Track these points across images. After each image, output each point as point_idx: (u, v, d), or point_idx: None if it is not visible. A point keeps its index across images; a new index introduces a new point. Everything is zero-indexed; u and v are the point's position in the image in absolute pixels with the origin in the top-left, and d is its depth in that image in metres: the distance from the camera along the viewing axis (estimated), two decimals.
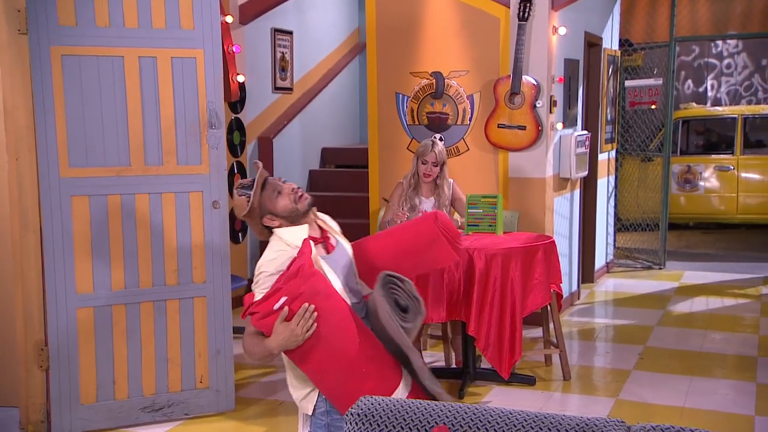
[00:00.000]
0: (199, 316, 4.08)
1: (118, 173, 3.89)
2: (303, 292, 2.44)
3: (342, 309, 2.54)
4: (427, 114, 5.74)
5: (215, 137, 4.01)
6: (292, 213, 2.70)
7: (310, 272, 2.49)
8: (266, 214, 2.72)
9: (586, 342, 5.43)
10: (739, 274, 7.31)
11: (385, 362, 2.55)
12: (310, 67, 7.54)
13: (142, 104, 3.90)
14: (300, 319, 2.41)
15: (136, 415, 3.99)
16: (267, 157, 6.77)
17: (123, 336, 3.95)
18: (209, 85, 4.00)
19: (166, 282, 4.00)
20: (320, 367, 2.50)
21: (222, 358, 4.13)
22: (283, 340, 2.42)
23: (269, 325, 2.45)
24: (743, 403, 4.20)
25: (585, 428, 1.80)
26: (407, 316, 2.61)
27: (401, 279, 2.64)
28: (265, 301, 2.46)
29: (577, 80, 6.22)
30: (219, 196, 4.06)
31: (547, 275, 4.41)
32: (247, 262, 6.66)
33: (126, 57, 3.86)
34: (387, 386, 2.50)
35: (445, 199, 4.82)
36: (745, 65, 10.90)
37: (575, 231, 6.41)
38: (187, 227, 4.02)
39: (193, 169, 4.02)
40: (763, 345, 5.22)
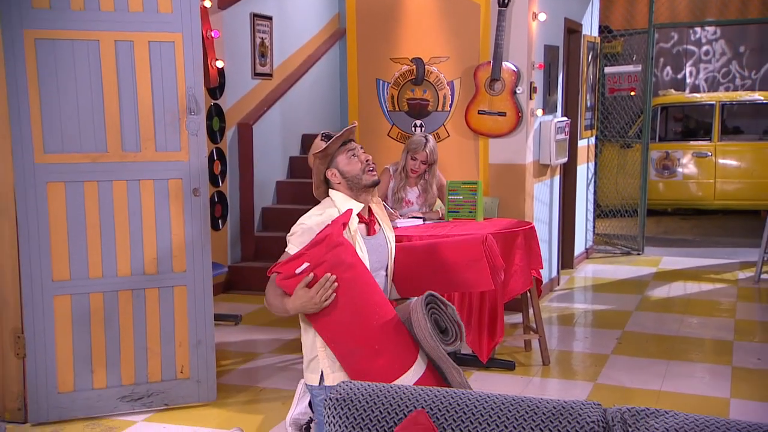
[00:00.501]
0: (180, 305, 4.01)
1: (94, 159, 3.82)
2: (326, 260, 2.48)
3: (365, 282, 2.56)
4: (408, 100, 5.73)
5: (195, 123, 3.92)
6: (355, 179, 2.75)
7: (336, 241, 2.52)
8: (334, 167, 2.76)
9: (565, 327, 5.48)
10: (716, 260, 7.40)
11: (402, 343, 2.56)
12: (289, 52, 7.49)
13: (119, 89, 3.82)
14: (320, 288, 2.46)
15: (115, 404, 3.94)
16: (246, 144, 6.73)
17: (101, 324, 3.90)
18: (188, 69, 3.91)
19: (145, 271, 3.93)
20: (335, 335, 2.54)
21: (203, 348, 4.05)
22: (301, 305, 2.49)
23: (291, 287, 2.51)
24: (719, 386, 4.26)
25: (562, 411, 1.81)
26: (447, 338, 2.63)
27: (444, 303, 2.65)
28: (289, 263, 2.52)
29: (557, 67, 6.23)
30: (199, 183, 3.96)
31: (528, 261, 4.43)
32: (227, 248, 6.63)
33: (102, 41, 3.77)
34: (398, 366, 2.51)
35: (432, 198, 4.84)
36: (723, 52, 10.99)
37: (555, 217, 6.44)
38: (166, 215, 3.94)
39: (172, 156, 3.92)
40: (739, 329, 5.29)
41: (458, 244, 3.00)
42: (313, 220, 2.66)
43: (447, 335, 2.63)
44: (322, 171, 2.79)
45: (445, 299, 2.68)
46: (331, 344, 2.57)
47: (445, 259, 2.91)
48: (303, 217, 2.71)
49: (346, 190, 2.77)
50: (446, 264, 2.91)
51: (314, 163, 2.80)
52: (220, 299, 6.31)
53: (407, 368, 2.51)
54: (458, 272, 2.90)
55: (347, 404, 1.93)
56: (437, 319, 2.62)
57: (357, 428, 1.90)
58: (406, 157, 4.80)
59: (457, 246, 2.98)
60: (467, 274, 2.91)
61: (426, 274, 2.89)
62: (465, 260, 2.91)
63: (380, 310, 2.54)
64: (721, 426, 1.71)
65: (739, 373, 4.46)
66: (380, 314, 2.53)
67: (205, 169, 3.98)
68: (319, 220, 2.66)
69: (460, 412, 1.86)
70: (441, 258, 2.92)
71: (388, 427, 1.89)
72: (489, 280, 2.90)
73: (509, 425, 1.81)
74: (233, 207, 6.69)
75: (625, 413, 1.81)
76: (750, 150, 9.10)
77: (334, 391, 1.98)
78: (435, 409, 1.88)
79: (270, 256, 6.78)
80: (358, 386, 1.98)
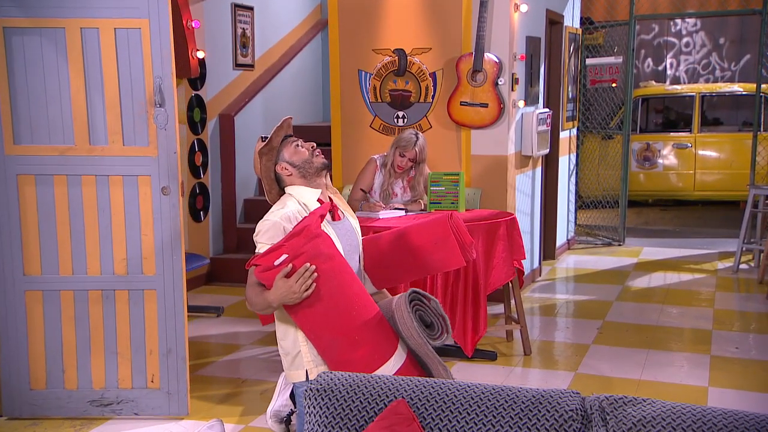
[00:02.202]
0: (150, 310, 3.78)
1: (62, 152, 3.68)
2: (305, 251, 2.47)
3: (344, 273, 2.56)
4: (390, 91, 5.72)
5: (163, 116, 3.67)
6: (305, 164, 2.76)
7: (315, 233, 2.52)
8: (282, 161, 2.77)
9: (547, 317, 5.51)
10: (695, 250, 7.47)
11: (382, 333, 2.57)
12: (271, 43, 7.45)
13: (86, 79, 3.67)
14: (299, 277, 2.46)
15: (85, 407, 3.81)
16: (228, 135, 6.70)
17: (72, 324, 3.77)
18: (155, 58, 3.65)
19: (115, 271, 3.75)
20: (315, 326, 2.53)
21: (173, 359, 3.80)
22: (281, 296, 2.48)
23: (270, 279, 2.50)
24: (698, 375, 4.31)
25: (541, 399, 1.83)
26: (434, 333, 2.63)
27: (427, 297, 2.66)
28: (268, 255, 2.52)
29: (539, 58, 6.24)
30: (169, 181, 3.71)
31: (510, 252, 4.45)
32: (209, 241, 6.60)
33: (68, 28, 3.61)
34: (379, 356, 2.52)
35: (419, 195, 4.84)
36: (703, 44, 11.06)
37: (537, 208, 6.47)
38: (136, 214, 3.74)
39: (140, 151, 3.71)
40: (717, 318, 5.35)
41: (424, 225, 3.00)
42: (277, 215, 2.65)
43: (433, 330, 2.64)
44: (271, 168, 2.78)
45: (427, 293, 2.69)
46: (311, 336, 2.57)
47: (414, 243, 2.92)
48: (265, 216, 2.69)
49: (300, 179, 2.77)
50: (415, 248, 2.92)
51: (261, 165, 2.79)
52: (202, 291, 6.29)
53: (387, 358, 2.51)
54: (428, 254, 2.92)
55: (327, 395, 1.93)
56: (422, 315, 2.63)
57: (337, 418, 1.91)
58: (394, 153, 4.79)
59: (423, 228, 2.98)
60: (437, 255, 2.92)
61: (397, 261, 2.90)
62: (433, 240, 2.92)
63: (359, 300, 2.54)
64: (697, 413, 1.72)
65: (717, 362, 4.51)
66: (359, 304, 2.53)
67: (175, 166, 3.71)
68: (283, 213, 2.65)
69: (440, 401, 1.87)
70: (409, 243, 2.93)
71: (368, 417, 1.90)
72: (459, 257, 2.91)
73: (489, 414, 1.82)
74: (215, 198, 6.66)
75: (604, 401, 1.82)
76: (729, 141, 9.18)
77: (314, 381, 1.98)
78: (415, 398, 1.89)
79: (253, 247, 6.74)
80: (338, 377, 1.98)
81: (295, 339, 2.65)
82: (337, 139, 5.91)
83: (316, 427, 1.93)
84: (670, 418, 1.73)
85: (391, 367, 2.51)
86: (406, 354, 2.60)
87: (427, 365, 2.62)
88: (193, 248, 6.29)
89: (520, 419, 1.80)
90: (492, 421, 1.82)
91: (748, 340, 4.96)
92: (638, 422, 1.73)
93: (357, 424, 1.91)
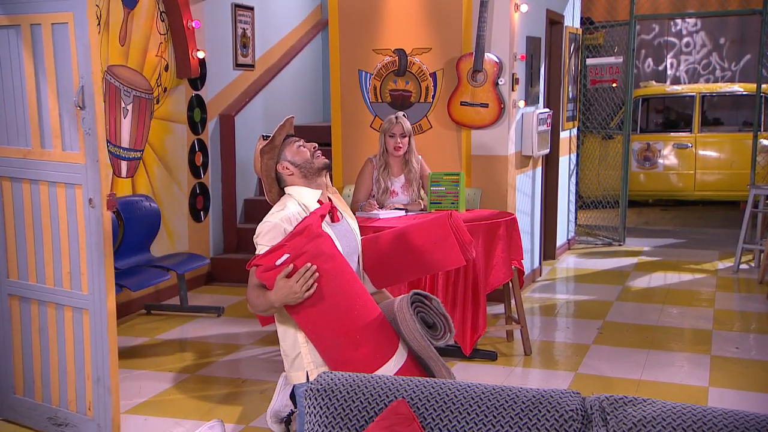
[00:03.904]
0: (86, 331, 3.45)
1: (24, 155, 3.53)
2: (306, 251, 2.47)
3: (345, 272, 2.56)
4: (390, 91, 5.72)
5: (88, 120, 3.27)
6: (306, 164, 2.76)
7: (316, 233, 2.52)
8: (284, 160, 2.76)
9: (547, 318, 5.51)
10: (695, 250, 7.46)
11: (383, 332, 2.57)
12: (272, 43, 7.45)
13: (37, 79, 3.43)
14: (300, 277, 2.45)
15: (45, 423, 3.62)
16: (228, 135, 6.70)
17: (38, 334, 3.60)
18: (80, 55, 3.27)
19: (63, 284, 3.49)
20: (316, 326, 2.53)
21: (102, 389, 3.42)
22: (283, 296, 2.47)
23: (271, 279, 2.49)
24: (698, 375, 4.30)
25: (541, 400, 1.83)
26: (436, 334, 2.63)
27: (428, 297, 2.66)
28: (269, 255, 2.51)
29: (539, 58, 6.24)
30: (94, 192, 3.31)
31: (509, 252, 4.45)
32: (209, 241, 6.60)
33: (22, 25, 3.43)
34: (380, 356, 2.52)
35: (416, 174, 4.83)
36: (703, 44, 11.06)
37: (537, 208, 6.47)
38: (75, 225, 3.42)
39: (72, 157, 3.37)
40: (718, 318, 5.35)
41: (424, 225, 3.00)
42: (277, 217, 2.65)
43: (435, 330, 2.64)
44: (272, 167, 2.78)
45: (428, 293, 2.69)
46: (312, 336, 2.57)
47: (414, 243, 2.92)
48: (265, 217, 2.68)
49: (300, 179, 2.77)
50: (415, 247, 2.92)
51: (262, 164, 2.78)
52: (202, 291, 6.29)
53: (388, 358, 2.51)
54: (428, 253, 2.91)
55: (327, 395, 1.93)
56: (424, 317, 2.63)
57: (337, 418, 1.91)
58: (384, 140, 4.77)
59: (423, 227, 2.98)
60: (437, 254, 2.92)
61: (397, 261, 2.89)
62: (433, 240, 2.92)
63: (360, 300, 2.54)
64: (697, 413, 1.72)
65: (717, 362, 4.51)
66: (360, 304, 2.53)
67: (98, 175, 3.30)
68: (283, 215, 2.64)
69: (440, 401, 1.87)
70: (409, 242, 2.93)
71: (368, 417, 1.90)
72: (459, 256, 2.91)
73: (489, 414, 1.82)
74: (215, 199, 6.66)
75: (604, 401, 1.82)
76: (729, 141, 9.18)
77: (314, 381, 1.98)
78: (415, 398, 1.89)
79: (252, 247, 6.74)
80: (338, 377, 1.98)
81: (295, 341, 2.65)
82: (338, 139, 5.90)
83: (317, 427, 1.93)
84: (671, 418, 1.73)
85: (392, 367, 2.51)
86: (407, 354, 2.60)
87: (430, 367, 2.62)
88: (194, 248, 6.29)
89: (521, 419, 1.80)
90: (492, 421, 1.82)
91: (748, 340, 4.96)
92: (638, 422, 1.73)
93: (357, 424, 1.91)
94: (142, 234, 5.52)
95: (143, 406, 3.98)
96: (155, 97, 5.89)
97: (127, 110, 5.61)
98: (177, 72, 6.10)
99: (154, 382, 4.29)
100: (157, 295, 5.87)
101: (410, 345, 2.59)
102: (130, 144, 5.64)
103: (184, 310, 5.65)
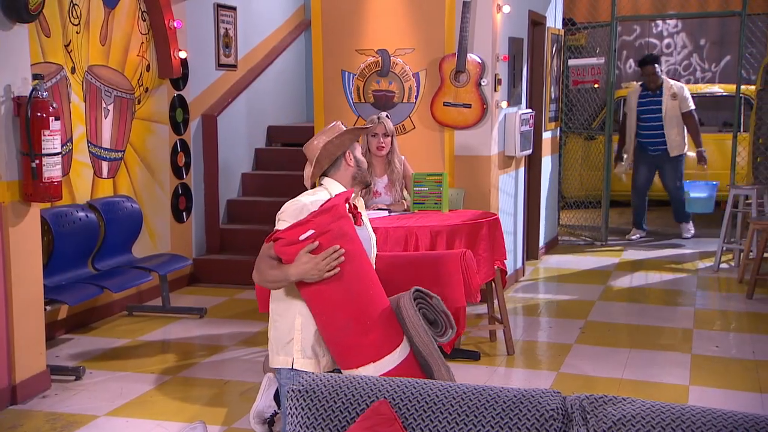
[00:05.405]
0: None
1: None
2: (331, 229, 2.49)
3: (363, 258, 2.59)
4: (373, 92, 5.72)
5: None
6: (364, 172, 2.86)
7: (342, 213, 2.54)
8: (354, 152, 2.85)
9: (530, 317, 5.53)
10: (676, 250, 7.52)
11: (391, 322, 2.60)
12: (254, 43, 7.43)
13: None
14: (327, 256, 2.46)
15: None
16: (211, 135, 6.67)
17: None
18: None
19: None
20: (331, 306, 2.53)
21: None
22: (304, 271, 2.47)
23: (291, 254, 2.49)
24: (679, 374, 4.34)
25: (522, 399, 1.83)
26: (437, 330, 2.66)
27: (429, 294, 2.69)
28: (293, 229, 2.51)
29: (522, 59, 6.27)
30: None
31: (492, 252, 4.47)
32: (191, 242, 6.57)
33: None
34: (388, 344, 2.55)
35: (398, 175, 4.83)
36: (684, 45, 11.15)
37: (520, 208, 6.49)
38: None
39: None
40: (698, 318, 5.40)
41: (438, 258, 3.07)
42: (308, 199, 2.70)
43: (437, 327, 2.66)
44: (341, 150, 2.81)
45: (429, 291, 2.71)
46: (322, 318, 2.56)
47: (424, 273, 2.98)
48: (296, 197, 2.73)
49: (347, 178, 2.83)
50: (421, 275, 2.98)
51: (334, 141, 2.79)
52: (184, 292, 6.26)
53: (394, 347, 2.55)
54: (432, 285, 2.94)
55: (309, 395, 1.93)
56: (425, 313, 2.66)
57: (319, 419, 1.90)
58: (367, 140, 4.78)
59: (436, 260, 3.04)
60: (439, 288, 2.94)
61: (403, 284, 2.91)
62: (442, 274, 2.97)
63: (374, 286, 2.59)
64: (676, 412, 1.74)
65: (698, 360, 4.55)
66: (375, 291, 2.58)
67: None
68: (314, 199, 2.70)
69: (421, 401, 1.87)
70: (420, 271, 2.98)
71: (350, 418, 1.90)
72: (462, 297, 2.97)
73: (470, 414, 1.83)
74: (198, 199, 6.63)
75: (584, 401, 1.83)
76: (710, 142, 9.23)
77: (296, 382, 1.98)
78: (397, 399, 1.89)
79: (235, 248, 6.74)
80: (320, 377, 1.98)
81: (292, 326, 2.65)
82: None
83: (298, 428, 1.92)
84: (650, 416, 1.74)
85: (396, 357, 2.54)
86: (410, 349, 2.63)
87: (430, 365, 2.64)
88: (176, 249, 6.26)
89: (502, 419, 1.81)
90: (474, 421, 1.83)
91: (728, 339, 5.01)
92: (618, 421, 1.75)
93: (339, 425, 1.91)
94: (123, 235, 5.48)
95: (124, 407, 3.95)
96: (137, 97, 5.85)
97: (108, 110, 5.57)
98: (159, 72, 6.06)
99: (135, 384, 4.26)
100: (139, 297, 5.83)
101: (413, 341, 2.61)
102: (111, 144, 5.60)
103: (167, 311, 5.61)
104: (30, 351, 4.07)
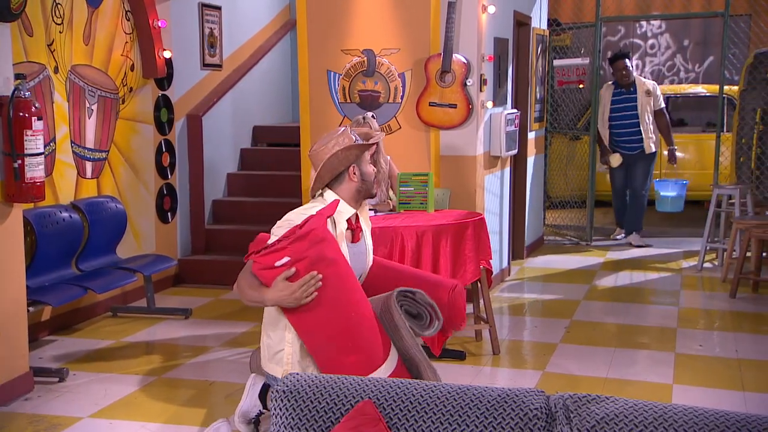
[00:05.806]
0: None
1: None
2: (308, 255, 2.44)
3: (346, 279, 2.54)
4: (359, 92, 5.72)
5: None
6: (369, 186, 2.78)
7: (320, 237, 2.49)
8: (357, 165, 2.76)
9: (516, 317, 5.55)
10: (661, 249, 7.57)
11: (376, 341, 2.56)
12: (239, 43, 7.40)
13: None
14: (304, 284, 2.42)
15: None
16: (196, 135, 6.64)
17: None
18: None
19: None
20: (310, 328, 2.52)
21: None
22: (279, 298, 2.45)
23: (268, 278, 2.46)
24: (663, 373, 4.36)
25: (506, 399, 1.84)
26: (422, 323, 2.63)
27: (412, 291, 2.68)
28: (269, 254, 2.47)
29: (507, 59, 6.28)
30: None
31: (477, 252, 4.48)
32: (176, 242, 6.54)
33: None
34: (369, 364, 2.52)
35: (384, 174, 4.83)
36: (668, 45, 11.22)
37: (506, 208, 6.51)
38: None
39: None
40: (682, 317, 5.43)
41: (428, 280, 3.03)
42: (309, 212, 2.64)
43: (421, 320, 2.64)
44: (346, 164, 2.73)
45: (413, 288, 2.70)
46: (304, 337, 2.55)
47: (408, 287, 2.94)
48: (291, 212, 2.68)
49: (351, 192, 2.76)
50: None
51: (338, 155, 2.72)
52: (169, 293, 6.23)
53: (380, 364, 2.52)
54: None
55: (294, 396, 1.92)
56: (408, 309, 2.64)
57: (304, 419, 1.90)
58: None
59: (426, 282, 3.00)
60: None
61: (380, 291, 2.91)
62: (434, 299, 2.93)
63: (358, 308, 2.54)
64: (659, 410, 1.75)
65: (682, 359, 4.58)
66: (358, 312, 2.53)
67: None
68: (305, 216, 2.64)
69: (406, 401, 1.87)
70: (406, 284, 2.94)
71: (335, 418, 1.89)
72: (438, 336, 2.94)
73: (455, 414, 1.83)
74: (183, 199, 6.60)
75: (568, 400, 1.84)
76: (693, 142, 9.32)
77: (281, 383, 1.97)
78: (381, 399, 1.89)
79: (221, 248, 6.71)
80: (305, 378, 1.97)
81: (282, 338, 2.63)
82: (306, 139, 5.88)
83: (283, 428, 1.92)
84: (633, 415, 1.75)
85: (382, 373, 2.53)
86: (398, 359, 2.60)
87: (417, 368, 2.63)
88: (161, 250, 6.23)
89: (486, 419, 1.81)
90: (458, 421, 1.83)
91: (712, 338, 5.05)
92: (602, 420, 1.75)
93: (324, 425, 1.90)
94: (107, 235, 5.45)
95: (109, 409, 3.92)
96: (121, 97, 5.82)
97: (92, 110, 5.53)
98: (143, 72, 6.03)
99: (120, 385, 4.23)
100: (123, 297, 5.80)
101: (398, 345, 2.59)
102: (95, 144, 5.57)
103: (151, 312, 5.58)
104: (12, 353, 4.04)
